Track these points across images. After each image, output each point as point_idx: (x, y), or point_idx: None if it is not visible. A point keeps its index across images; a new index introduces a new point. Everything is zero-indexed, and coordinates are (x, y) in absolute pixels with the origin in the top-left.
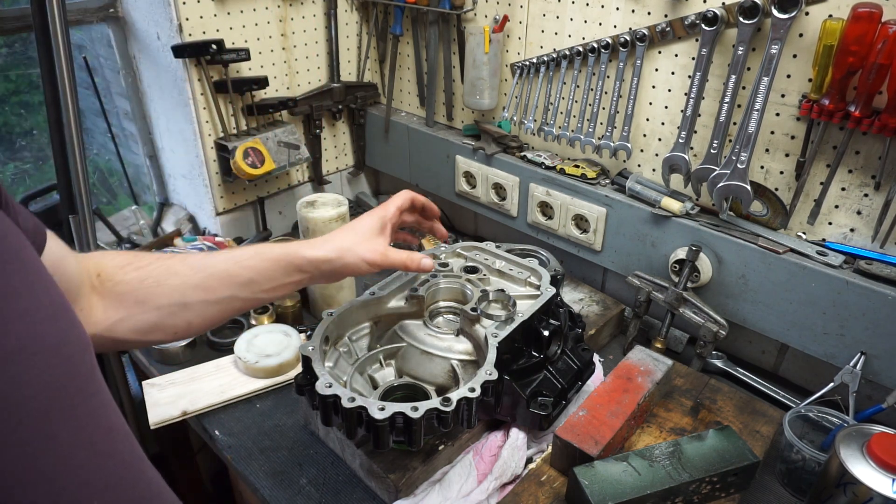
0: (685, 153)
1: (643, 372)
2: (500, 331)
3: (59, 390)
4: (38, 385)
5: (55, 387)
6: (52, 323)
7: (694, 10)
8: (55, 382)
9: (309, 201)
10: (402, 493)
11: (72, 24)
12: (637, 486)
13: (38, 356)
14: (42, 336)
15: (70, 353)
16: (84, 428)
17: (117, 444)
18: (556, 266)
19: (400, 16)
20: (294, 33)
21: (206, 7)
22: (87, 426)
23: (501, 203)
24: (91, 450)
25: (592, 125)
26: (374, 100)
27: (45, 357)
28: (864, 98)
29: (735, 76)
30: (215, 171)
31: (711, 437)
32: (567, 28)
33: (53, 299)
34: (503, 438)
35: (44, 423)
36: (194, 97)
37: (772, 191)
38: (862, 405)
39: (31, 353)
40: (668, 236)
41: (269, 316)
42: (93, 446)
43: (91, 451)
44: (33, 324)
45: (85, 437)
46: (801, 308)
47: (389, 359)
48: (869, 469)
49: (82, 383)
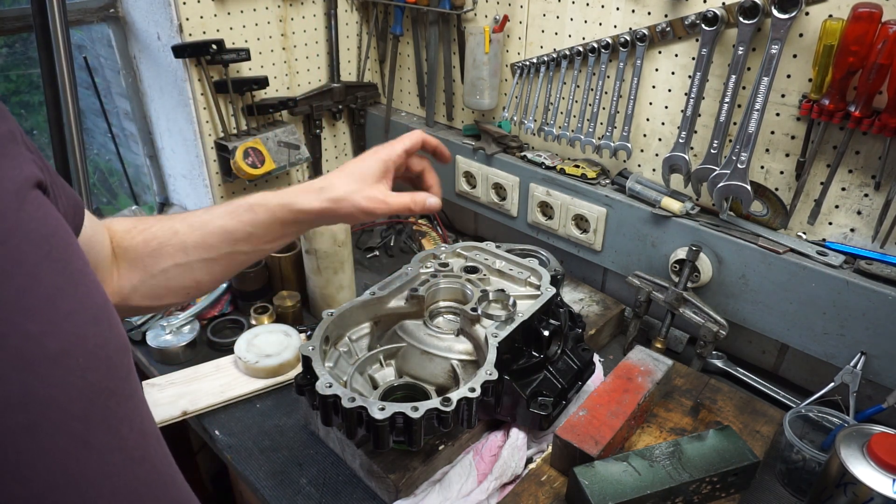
0: (685, 153)
1: (643, 372)
2: (500, 331)
3: (98, 393)
4: (79, 388)
5: (95, 390)
6: (94, 325)
7: (694, 10)
8: (95, 385)
9: None
10: (402, 493)
11: (72, 24)
12: (637, 486)
13: (81, 359)
14: (85, 338)
15: (109, 354)
16: (118, 432)
17: (150, 448)
18: (556, 266)
19: (400, 16)
20: (294, 33)
21: (206, 7)
22: (122, 430)
23: (501, 203)
24: (124, 455)
25: (592, 125)
26: (374, 100)
27: (87, 360)
28: (864, 98)
29: (735, 76)
30: (215, 171)
31: (711, 437)
32: (567, 28)
33: (96, 300)
34: (503, 438)
35: (82, 427)
36: (194, 97)
37: (772, 191)
38: (862, 405)
39: (74, 356)
40: (669, 236)
41: (269, 316)
42: (126, 451)
43: (124, 456)
44: (78, 325)
45: (119, 442)
46: (802, 308)
47: (389, 359)
48: (869, 469)
49: (120, 385)
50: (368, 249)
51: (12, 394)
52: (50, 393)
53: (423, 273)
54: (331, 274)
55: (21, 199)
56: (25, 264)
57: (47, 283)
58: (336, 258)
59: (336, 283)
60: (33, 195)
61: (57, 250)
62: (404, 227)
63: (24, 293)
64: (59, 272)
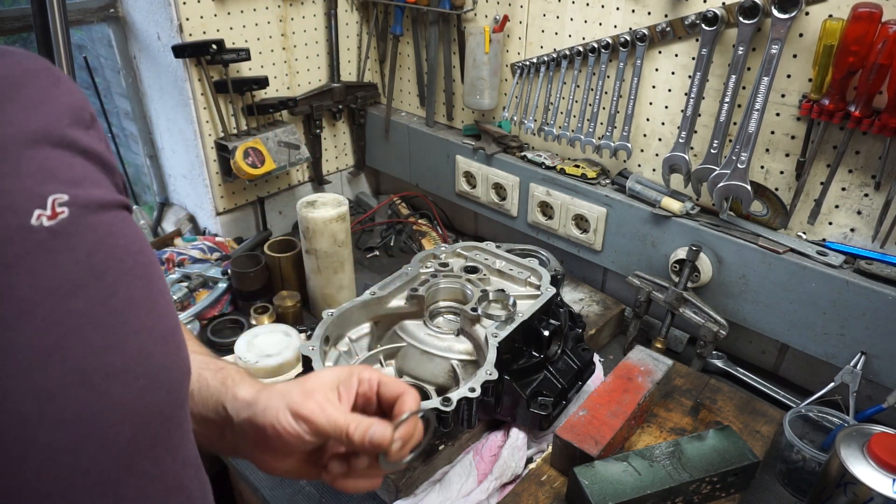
0: (685, 153)
1: (643, 372)
2: (500, 331)
3: (152, 417)
4: (135, 410)
5: (150, 412)
6: (162, 344)
7: (694, 10)
8: (151, 408)
9: (309, 201)
10: (402, 493)
11: (72, 24)
12: (637, 486)
13: (143, 379)
14: (150, 357)
15: (171, 379)
16: (162, 461)
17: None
18: (556, 266)
19: (400, 16)
20: (294, 33)
21: (206, 7)
22: (166, 460)
23: (501, 203)
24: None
25: (592, 125)
26: (374, 100)
27: (149, 380)
28: (864, 98)
29: (735, 76)
30: (215, 171)
31: (711, 437)
32: (567, 28)
33: (168, 320)
34: (503, 438)
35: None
36: (194, 97)
37: (772, 191)
38: (862, 405)
39: (136, 374)
40: (669, 236)
41: (269, 316)
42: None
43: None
44: (145, 343)
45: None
46: (802, 308)
47: (389, 359)
48: (869, 469)
49: (174, 413)
50: (368, 249)
51: (66, 409)
52: (104, 411)
53: (423, 273)
54: (331, 274)
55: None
56: (106, 277)
57: (123, 296)
58: (336, 258)
59: (336, 283)
60: (122, 215)
61: (140, 266)
62: (404, 227)
63: (97, 306)
64: (138, 287)
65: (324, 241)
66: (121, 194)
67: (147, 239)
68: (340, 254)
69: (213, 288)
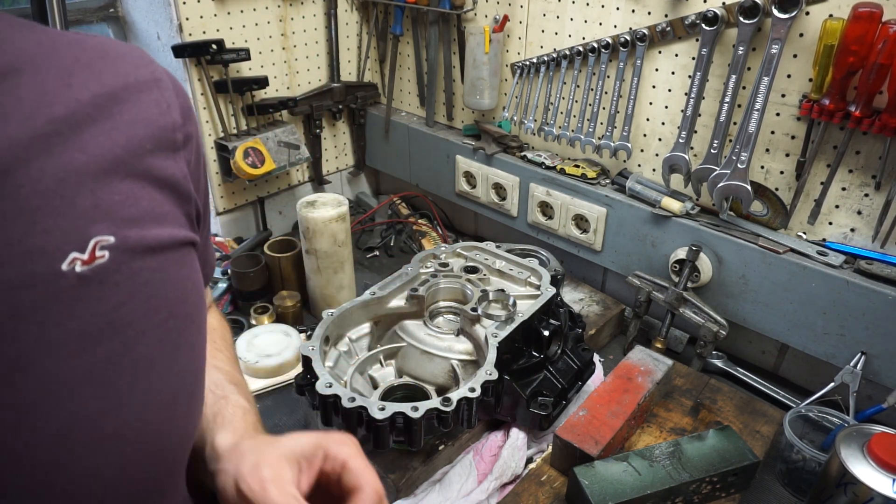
0: (685, 153)
1: (643, 372)
2: (500, 331)
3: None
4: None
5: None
6: (166, 410)
7: (694, 9)
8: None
9: (309, 201)
10: (403, 493)
11: (72, 24)
12: (637, 486)
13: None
14: (146, 425)
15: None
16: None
17: None
18: (556, 266)
19: (400, 16)
20: (294, 33)
21: (206, 7)
22: None
23: (501, 203)
24: None
25: (592, 125)
26: (374, 100)
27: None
28: (864, 98)
29: (735, 76)
30: (215, 171)
31: (711, 437)
32: (567, 28)
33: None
34: (503, 438)
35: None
36: (194, 97)
37: (772, 191)
38: (862, 405)
39: (125, 442)
40: (669, 236)
41: (269, 316)
42: None
43: None
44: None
45: None
46: (802, 308)
47: (389, 359)
48: (869, 469)
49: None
50: (368, 249)
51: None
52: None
53: (423, 273)
54: (331, 274)
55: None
56: (126, 332)
57: (139, 354)
58: (336, 258)
59: (336, 283)
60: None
61: (173, 319)
62: (404, 227)
63: (104, 364)
64: (162, 343)
65: (324, 241)
66: (191, 226)
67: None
68: (340, 254)
69: (213, 288)
